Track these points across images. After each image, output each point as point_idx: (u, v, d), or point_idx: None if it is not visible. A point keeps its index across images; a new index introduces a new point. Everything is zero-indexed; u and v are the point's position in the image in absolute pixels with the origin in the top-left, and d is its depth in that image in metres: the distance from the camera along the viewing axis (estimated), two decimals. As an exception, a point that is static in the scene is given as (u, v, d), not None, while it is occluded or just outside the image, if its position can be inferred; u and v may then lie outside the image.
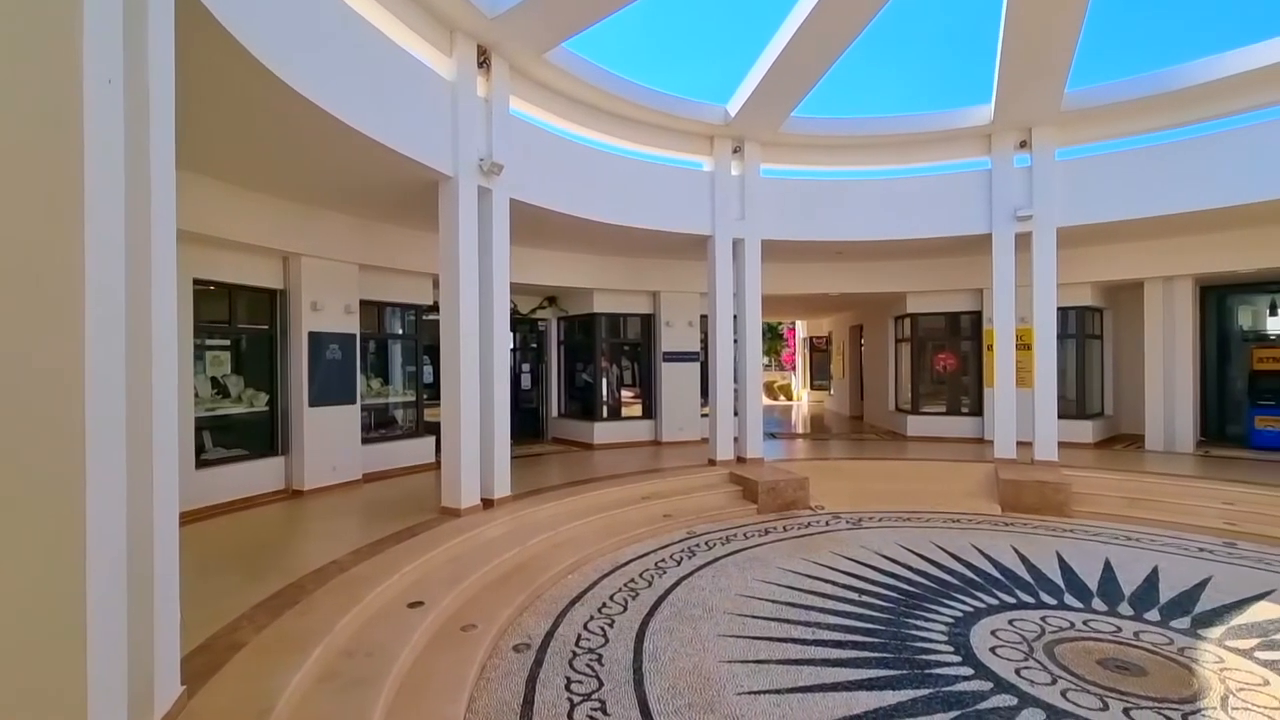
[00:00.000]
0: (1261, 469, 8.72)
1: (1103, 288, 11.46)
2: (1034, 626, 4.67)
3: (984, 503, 8.32)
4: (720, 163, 9.26)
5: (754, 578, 5.70)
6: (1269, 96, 7.82)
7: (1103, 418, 11.56)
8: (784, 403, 23.72)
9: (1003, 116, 8.84)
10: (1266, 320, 12.40)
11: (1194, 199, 8.27)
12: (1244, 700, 3.62)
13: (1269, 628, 4.59)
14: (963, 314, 12.22)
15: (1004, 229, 9.24)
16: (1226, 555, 6.27)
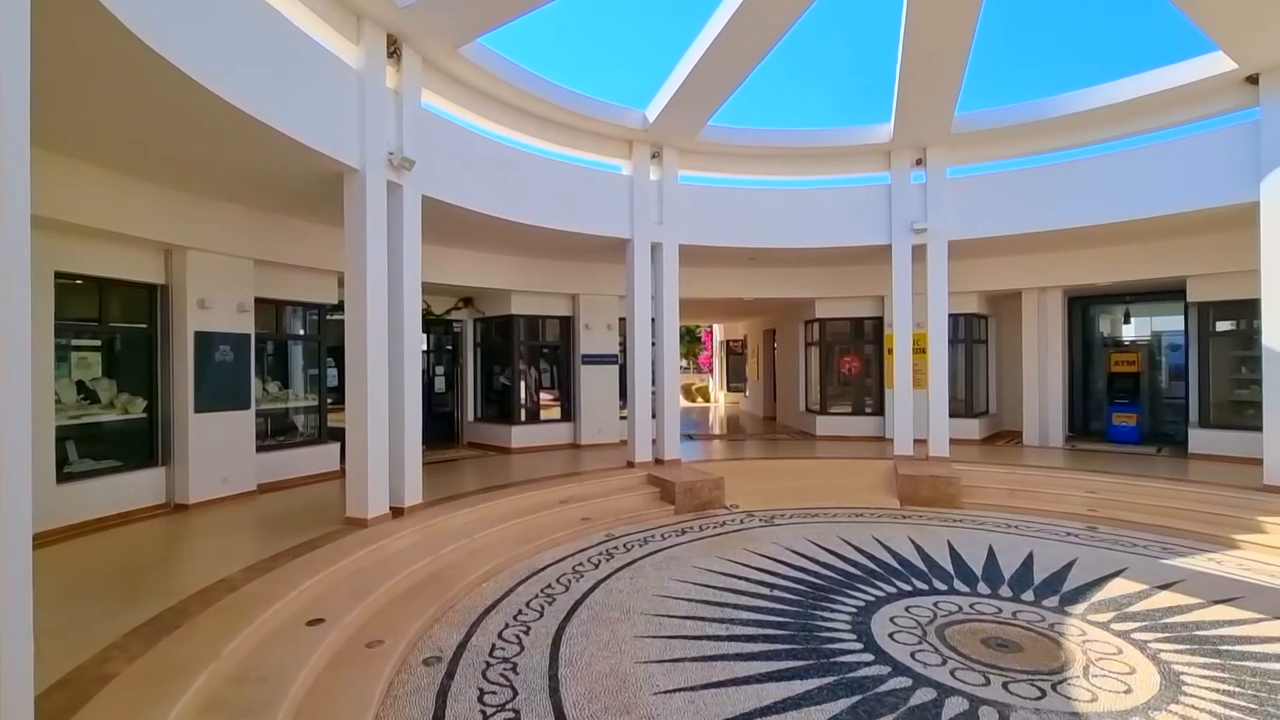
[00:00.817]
0: (1118, 460, 9.79)
1: (987, 297, 12.49)
2: (928, 612, 5.00)
3: (885, 497, 8.84)
4: (639, 167, 9.36)
5: (671, 577, 5.78)
6: (1126, 128, 8.79)
7: (988, 416, 12.59)
8: (701, 405, 24.24)
9: (901, 136, 9.46)
10: (1121, 328, 13.97)
11: (1063, 218, 9.17)
12: (1102, 669, 4.04)
13: (1122, 602, 5.14)
14: (866, 319, 12.94)
15: (902, 241, 9.89)
16: (1089, 538, 6.98)
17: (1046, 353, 11.68)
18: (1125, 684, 3.85)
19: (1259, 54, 7.16)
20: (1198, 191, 8.05)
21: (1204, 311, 10.09)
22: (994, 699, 3.68)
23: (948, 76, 8.02)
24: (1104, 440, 11.60)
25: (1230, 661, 4.11)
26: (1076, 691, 3.76)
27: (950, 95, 8.42)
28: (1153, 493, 7.91)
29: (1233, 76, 7.55)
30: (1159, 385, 12.56)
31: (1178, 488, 7.92)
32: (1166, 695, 3.71)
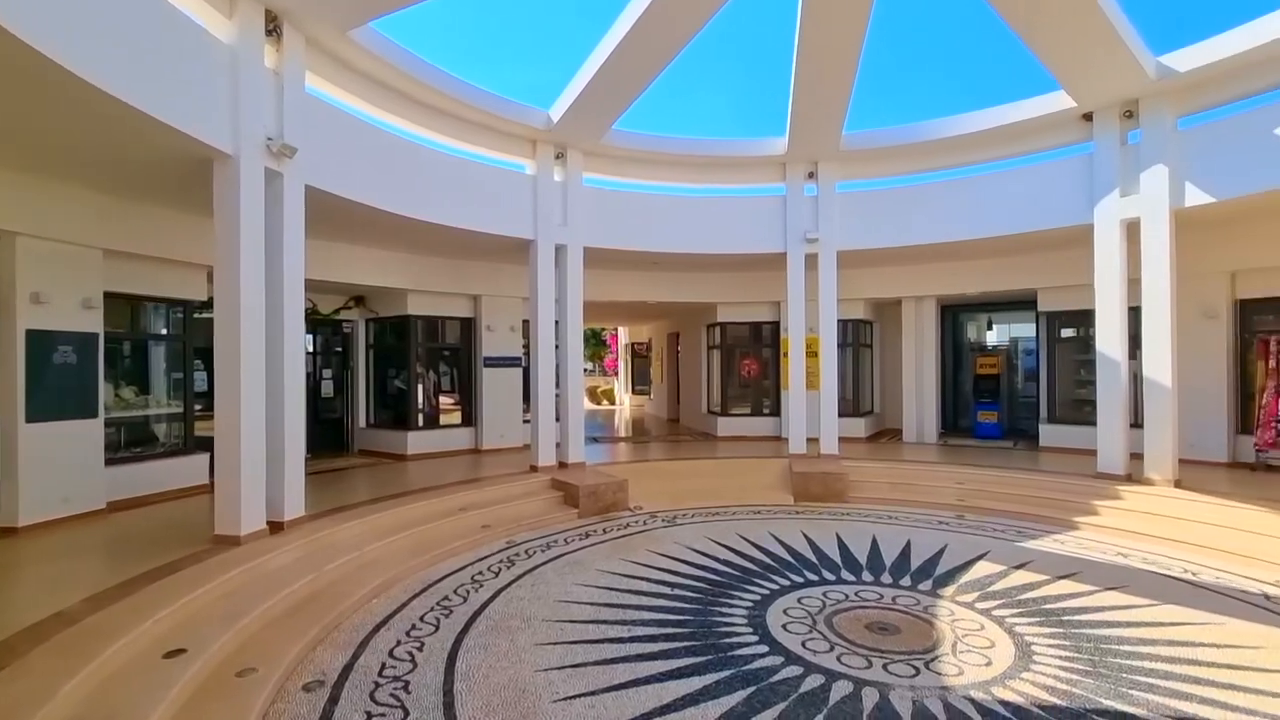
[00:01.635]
0: (982, 454, 10.80)
1: (873, 304, 13.41)
2: (818, 602, 5.27)
3: (781, 494, 9.23)
4: (543, 168, 9.24)
5: (574, 582, 5.72)
6: (988, 154, 9.73)
7: (873, 415, 13.50)
8: (607, 407, 24.31)
9: (794, 150, 9.96)
10: (986, 334, 15.44)
11: (935, 233, 10.01)
12: (967, 644, 4.42)
13: (985, 582, 5.66)
14: (765, 324, 13.50)
15: (796, 249, 10.40)
16: (958, 525, 7.63)
17: (923, 356, 12.70)
18: (986, 657, 4.23)
19: (1092, 96, 8.17)
20: (1045, 213, 9.06)
21: (1051, 320, 11.38)
22: (875, 680, 3.93)
23: (836, 96, 8.54)
24: (971, 436, 12.77)
25: (1071, 630, 4.63)
26: (946, 667, 4.09)
27: (838, 114, 8.96)
28: (1010, 482, 8.79)
29: (1073, 113, 8.56)
30: (1016, 385, 13.99)
31: (1030, 477, 8.86)
32: (1020, 664, 4.12)
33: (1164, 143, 7.86)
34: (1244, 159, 7.27)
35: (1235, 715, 3.50)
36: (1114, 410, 8.37)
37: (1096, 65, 7.54)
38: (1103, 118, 8.39)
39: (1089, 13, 6.68)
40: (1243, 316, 9.44)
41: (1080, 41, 7.19)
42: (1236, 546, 6.31)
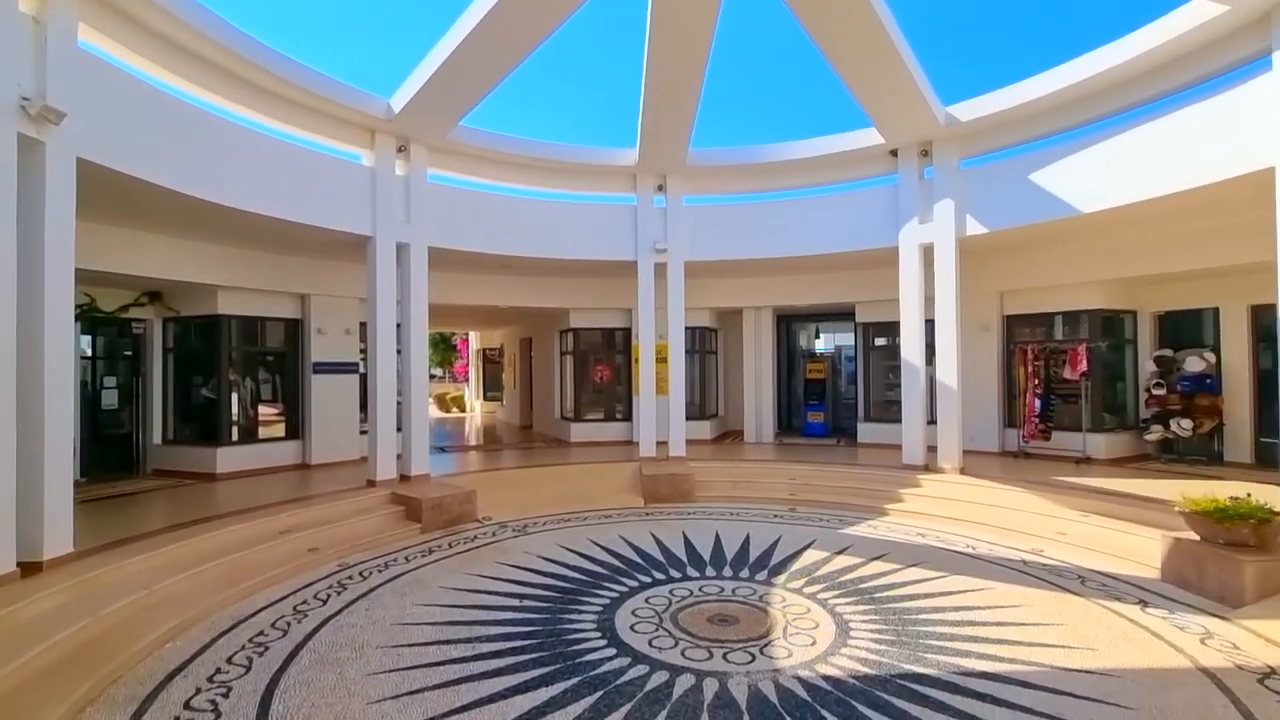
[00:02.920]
0: (811, 451, 11.85)
1: (717, 312, 14.19)
2: (664, 600, 5.41)
3: (632, 497, 9.41)
4: (383, 160, 8.64)
5: (414, 603, 5.36)
6: (816, 178, 10.75)
7: (718, 418, 14.26)
8: (457, 415, 23.28)
9: (645, 162, 10.27)
10: (815, 342, 16.99)
11: (771, 249, 10.84)
12: (796, 628, 4.79)
13: (811, 569, 6.19)
14: (617, 330, 13.73)
15: (646, 258, 10.72)
16: (791, 518, 8.28)
17: (761, 362, 13.67)
18: (812, 637, 4.61)
19: (896, 135, 9.35)
20: (861, 235, 10.19)
21: (867, 330, 12.81)
22: (716, 670, 4.11)
23: (682, 114, 8.94)
24: (802, 435, 13.96)
25: (881, 605, 5.20)
26: (778, 651, 4.39)
27: (685, 131, 9.38)
28: (834, 476, 9.73)
29: (883, 149, 9.73)
30: (840, 388, 15.54)
31: (850, 471, 9.88)
32: (839, 641, 4.54)
33: (950, 180, 9.20)
34: (1007, 198, 8.72)
35: (1002, 665, 4.14)
36: (915, 410, 9.61)
37: (899, 109, 8.64)
38: (905, 154, 9.62)
39: (894, 64, 7.65)
40: (1009, 329, 11.30)
41: (887, 88, 8.21)
42: (1004, 521, 7.52)
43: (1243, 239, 7.77)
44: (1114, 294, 10.20)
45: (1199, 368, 9.47)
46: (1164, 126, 7.13)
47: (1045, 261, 10.21)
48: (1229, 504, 5.27)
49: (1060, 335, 10.70)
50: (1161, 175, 7.06)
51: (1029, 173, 8.48)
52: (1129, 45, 7.11)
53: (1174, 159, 6.95)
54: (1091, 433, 10.00)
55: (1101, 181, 7.67)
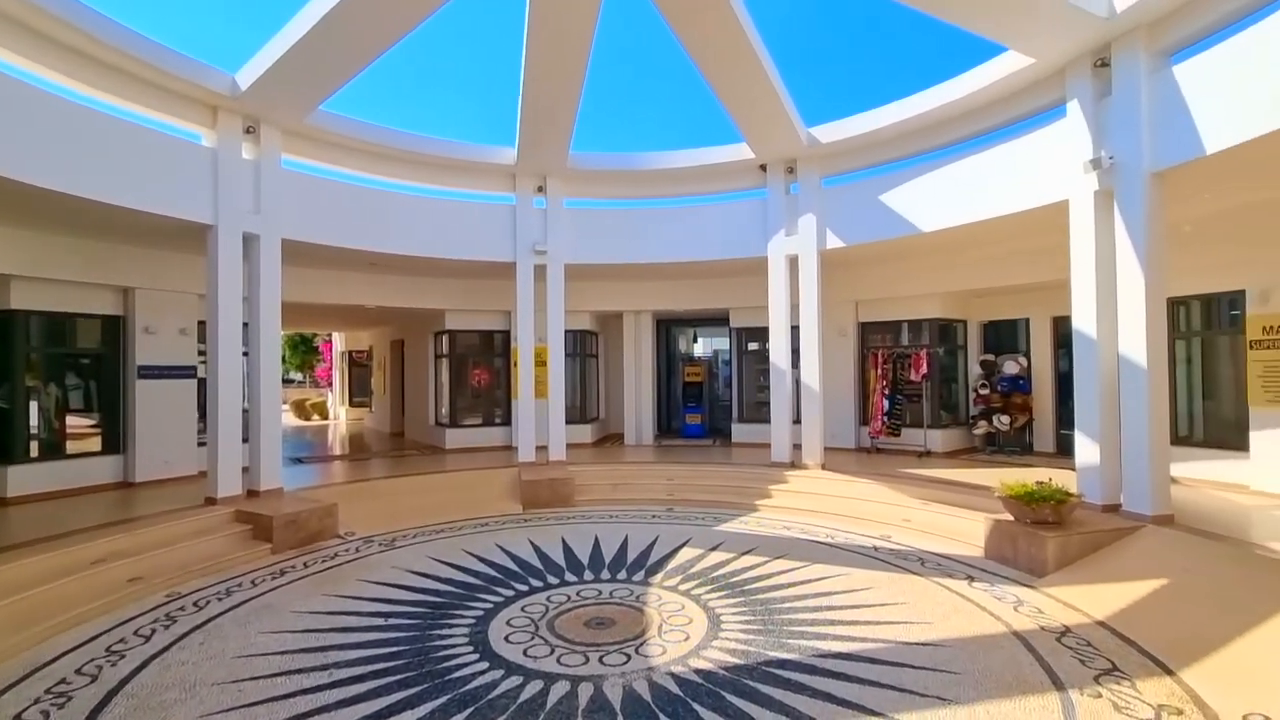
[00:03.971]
0: (689, 452, 12.21)
1: (598, 315, 14.24)
2: (541, 607, 5.31)
3: (510, 504, 9.17)
4: (227, 141, 7.78)
5: (260, 631, 4.84)
6: (692, 188, 11.13)
7: (598, 421, 14.30)
8: (319, 423, 21.50)
9: (524, 162, 10.10)
10: (693, 346, 17.56)
11: (653, 254, 11.07)
12: (671, 625, 4.89)
13: (686, 566, 6.36)
14: (496, 332, 13.36)
15: (526, 260, 10.53)
16: (668, 518, 8.46)
17: (641, 365, 13.90)
18: (686, 633, 4.72)
19: (765, 151, 9.92)
20: (735, 244, 10.68)
21: (740, 335, 13.44)
22: (591, 674, 4.08)
23: (562, 116, 8.88)
24: (680, 436, 14.36)
25: (750, 597, 5.45)
26: (653, 649, 4.45)
27: (565, 133, 9.33)
28: (709, 476, 10.09)
29: (753, 163, 10.27)
30: (716, 391, 16.18)
31: (724, 470, 10.29)
32: (711, 634, 4.69)
33: (813, 196, 9.90)
34: (861, 215, 9.53)
35: (854, 644, 4.48)
36: (782, 410, 10.22)
37: (767, 127, 9.18)
38: (773, 170, 10.23)
39: (761, 82, 8.12)
40: (864, 335, 12.35)
41: (756, 107, 8.71)
42: (858, 512, 8.18)
43: (1046, 260, 9.05)
44: (949, 305, 11.47)
45: (1014, 370, 10.90)
46: (986, 159, 8.13)
47: (894, 274, 11.28)
48: (1035, 488, 6.09)
49: (906, 341, 11.86)
50: (983, 202, 8.04)
51: (879, 193, 9.32)
52: (958, 86, 8.04)
53: (993, 188, 7.94)
54: (931, 429, 11.17)
55: (937, 204, 8.60)
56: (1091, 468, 6.71)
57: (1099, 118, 6.66)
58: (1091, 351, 6.71)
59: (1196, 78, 5.77)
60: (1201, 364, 8.73)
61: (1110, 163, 6.42)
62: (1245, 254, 7.63)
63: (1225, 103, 5.50)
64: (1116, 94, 6.44)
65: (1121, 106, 6.38)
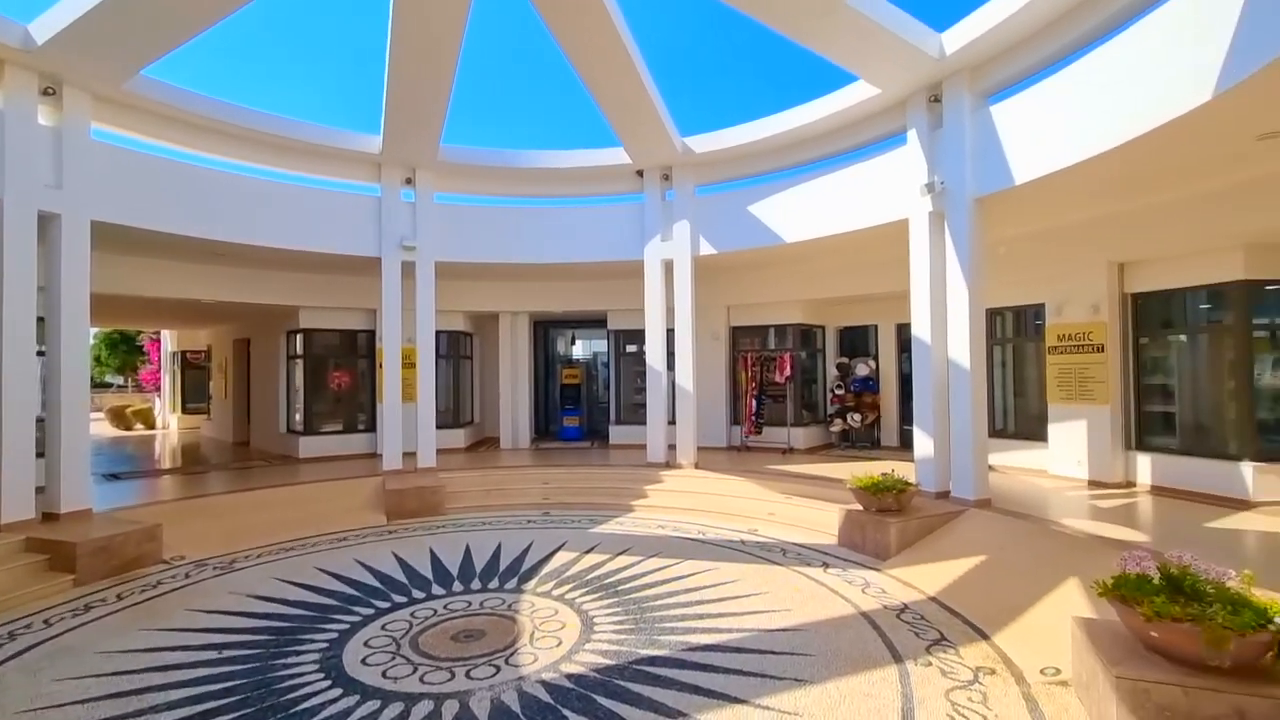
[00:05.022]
0: (567, 454, 12.12)
1: (472, 316, 13.75)
2: (404, 624, 4.99)
3: (372, 515, 8.57)
4: (18, 102, 6.57)
5: (55, 678, 4.12)
6: (570, 189, 11.07)
7: (472, 425, 13.79)
8: (143, 432, 18.86)
9: (391, 151, 9.50)
10: (571, 348, 17.48)
11: (530, 254, 10.87)
12: (544, 631, 4.79)
13: (561, 570, 6.28)
14: (359, 332, 12.47)
15: (392, 256, 9.91)
16: (544, 522, 8.32)
17: (518, 367, 13.61)
18: (558, 638, 4.65)
19: (642, 158, 10.10)
20: (612, 247, 10.77)
21: (618, 337, 13.57)
22: (456, 690, 3.89)
23: (432, 104, 8.45)
24: (558, 439, 14.22)
25: (623, 597, 5.48)
26: (523, 658, 4.33)
27: (435, 123, 8.89)
28: (586, 478, 10.07)
29: (630, 168, 10.42)
30: (596, 393, 16.21)
31: (601, 471, 10.32)
32: (584, 638, 4.65)
33: (687, 204, 10.23)
34: (731, 224, 9.99)
35: (721, 635, 4.65)
36: (658, 411, 10.44)
37: (643, 134, 9.37)
38: (649, 176, 10.44)
39: (639, 92, 8.26)
40: (735, 339, 12.94)
41: (632, 113, 8.85)
42: (728, 508, 8.53)
43: (892, 272, 9.94)
44: (810, 311, 12.33)
45: (865, 372, 11.93)
46: (842, 177, 8.83)
47: (762, 281, 11.93)
48: (880, 480, 6.69)
49: (772, 345, 12.58)
50: (838, 217, 8.73)
51: (748, 204, 9.82)
52: (817, 108, 8.67)
53: (847, 205, 8.65)
54: (794, 427, 11.93)
55: (799, 217, 9.22)
56: (927, 459, 7.48)
57: (933, 147, 7.46)
58: (927, 355, 7.50)
59: (1008, 117, 6.64)
60: (1013, 367, 10.08)
61: (941, 187, 7.22)
62: (1045, 272, 8.90)
63: (1030, 141, 6.38)
64: (946, 126, 7.26)
65: (950, 138, 7.20)
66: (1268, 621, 2.92)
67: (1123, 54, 5.44)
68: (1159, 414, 8.15)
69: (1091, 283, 8.34)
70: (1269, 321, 7.33)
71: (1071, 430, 8.57)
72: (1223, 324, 7.44)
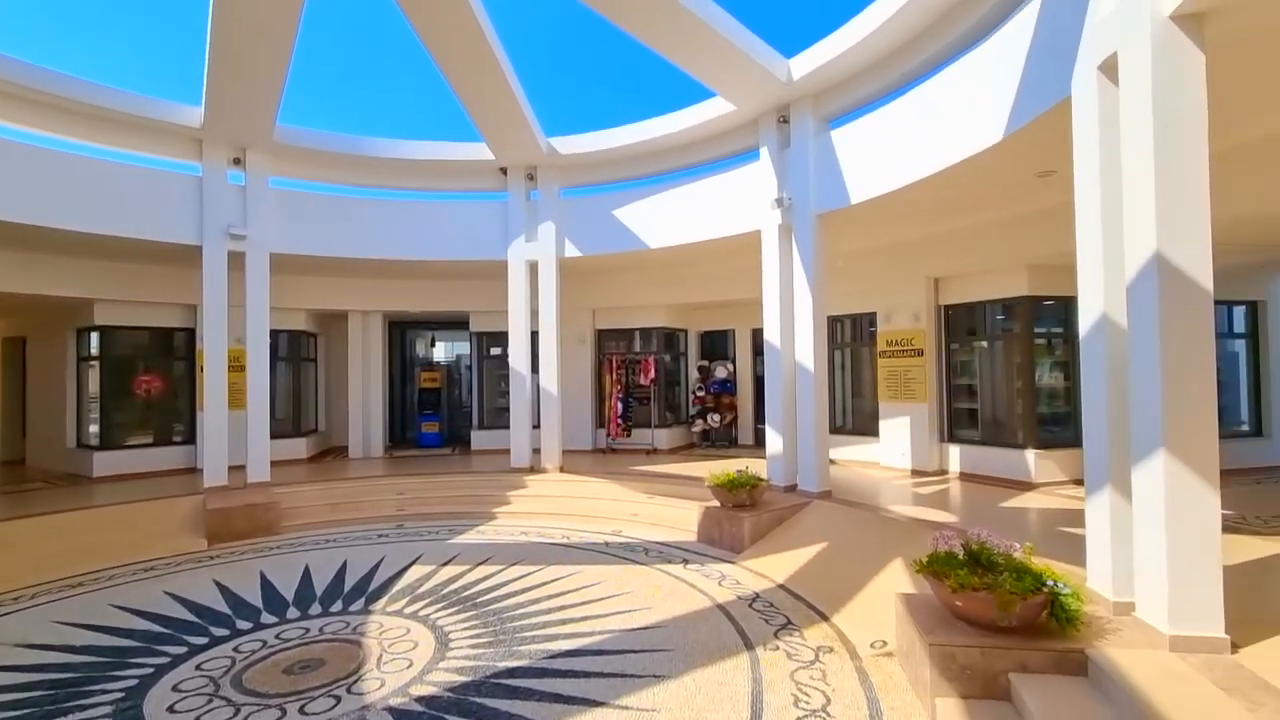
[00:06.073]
0: (424, 462, 11.46)
1: (316, 315, 12.58)
2: (225, 661, 4.40)
3: (189, 539, 7.51)
4: None
5: None
6: (438, 183, 10.49)
7: (317, 434, 12.62)
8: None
9: (215, 126, 8.42)
10: (430, 350, 16.63)
11: (384, 249, 10.14)
12: (393, 653, 4.45)
13: (416, 586, 5.90)
14: (177, 330, 10.92)
15: (216, 244, 8.78)
16: (397, 535, 7.79)
17: (370, 371, 12.67)
18: (409, 659, 4.35)
19: (505, 155, 9.84)
20: (474, 246, 10.37)
21: (481, 339, 13.10)
22: (287, 730, 3.49)
23: (266, 77, 7.56)
24: (416, 446, 13.43)
25: (482, 610, 5.25)
26: (369, 685, 3.99)
27: (270, 97, 7.95)
28: (446, 486, 9.59)
29: (494, 165, 10.10)
30: (459, 397, 15.52)
31: (462, 479, 9.89)
32: (438, 656, 4.39)
33: (552, 205, 10.12)
34: (597, 228, 10.04)
35: (583, 640, 4.61)
36: (522, 415, 10.21)
37: (508, 133, 9.14)
38: (514, 175, 10.20)
39: (502, 88, 8.03)
40: (601, 342, 13.00)
41: (497, 112, 8.62)
42: (593, 510, 8.54)
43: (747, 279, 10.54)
44: (673, 315, 12.71)
45: (723, 374, 12.53)
46: (702, 187, 9.20)
47: (627, 285, 12.10)
48: (735, 476, 7.03)
49: (637, 348, 12.81)
50: (698, 225, 9.10)
51: (613, 208, 9.92)
52: (680, 119, 8.96)
53: (706, 214, 9.03)
54: (658, 428, 12.24)
55: (662, 224, 9.48)
56: (777, 456, 8.00)
57: (782, 164, 8.01)
58: (777, 359, 8.02)
59: (846, 142, 7.30)
60: (851, 369, 11.10)
61: (789, 203, 7.77)
62: (877, 284, 9.90)
63: (863, 165, 7.05)
64: (793, 146, 7.83)
65: (796, 157, 7.77)
66: (1043, 585, 3.43)
67: (938, 94, 6.19)
68: (966, 410, 9.38)
69: (913, 294, 9.41)
70: (1046, 331, 8.72)
71: (898, 426, 9.60)
72: (1012, 333, 8.72)
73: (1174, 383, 3.31)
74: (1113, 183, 3.80)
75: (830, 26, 7.08)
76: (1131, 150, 3.54)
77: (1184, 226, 3.32)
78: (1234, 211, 5.58)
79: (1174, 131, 3.34)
